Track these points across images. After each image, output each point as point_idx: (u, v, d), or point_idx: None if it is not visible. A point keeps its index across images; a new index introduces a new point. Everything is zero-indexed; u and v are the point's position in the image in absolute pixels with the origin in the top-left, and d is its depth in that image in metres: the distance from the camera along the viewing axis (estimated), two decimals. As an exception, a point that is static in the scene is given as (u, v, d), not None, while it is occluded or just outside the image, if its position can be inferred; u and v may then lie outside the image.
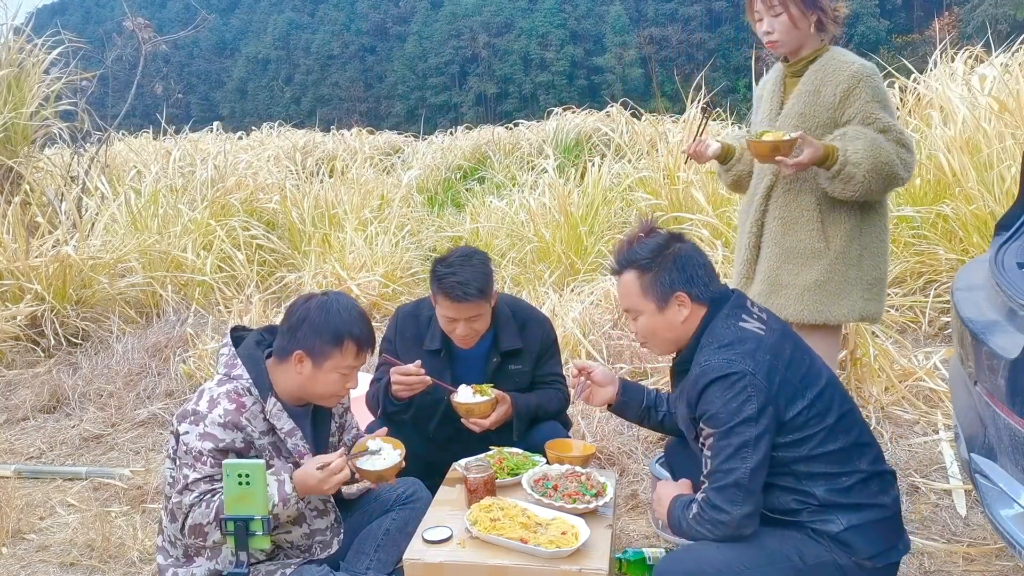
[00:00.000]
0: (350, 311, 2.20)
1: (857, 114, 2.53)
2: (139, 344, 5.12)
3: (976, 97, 5.92)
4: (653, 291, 2.04)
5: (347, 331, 2.16)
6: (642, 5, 79.37)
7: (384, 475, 2.21)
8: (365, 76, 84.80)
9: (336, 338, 2.15)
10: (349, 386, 2.22)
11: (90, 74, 7.17)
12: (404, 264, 6.60)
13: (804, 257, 2.60)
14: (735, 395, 1.87)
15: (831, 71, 2.58)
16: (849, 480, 1.93)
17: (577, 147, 11.04)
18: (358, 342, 2.17)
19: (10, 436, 4.22)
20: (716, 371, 1.90)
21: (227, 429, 2.09)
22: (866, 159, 2.43)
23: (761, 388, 1.88)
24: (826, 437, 1.92)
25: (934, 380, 3.92)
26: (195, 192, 7.52)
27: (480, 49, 78.42)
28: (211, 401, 2.13)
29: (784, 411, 1.91)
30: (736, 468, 1.86)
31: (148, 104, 15.60)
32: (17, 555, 3.00)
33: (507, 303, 2.86)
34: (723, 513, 1.87)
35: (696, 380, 1.95)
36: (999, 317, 2.11)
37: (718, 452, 1.89)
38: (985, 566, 2.62)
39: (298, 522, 2.24)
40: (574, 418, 3.53)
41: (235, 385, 2.16)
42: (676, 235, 2.12)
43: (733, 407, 1.87)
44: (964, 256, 5.02)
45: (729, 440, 1.87)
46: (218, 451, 2.08)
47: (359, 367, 2.22)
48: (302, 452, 2.19)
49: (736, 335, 1.96)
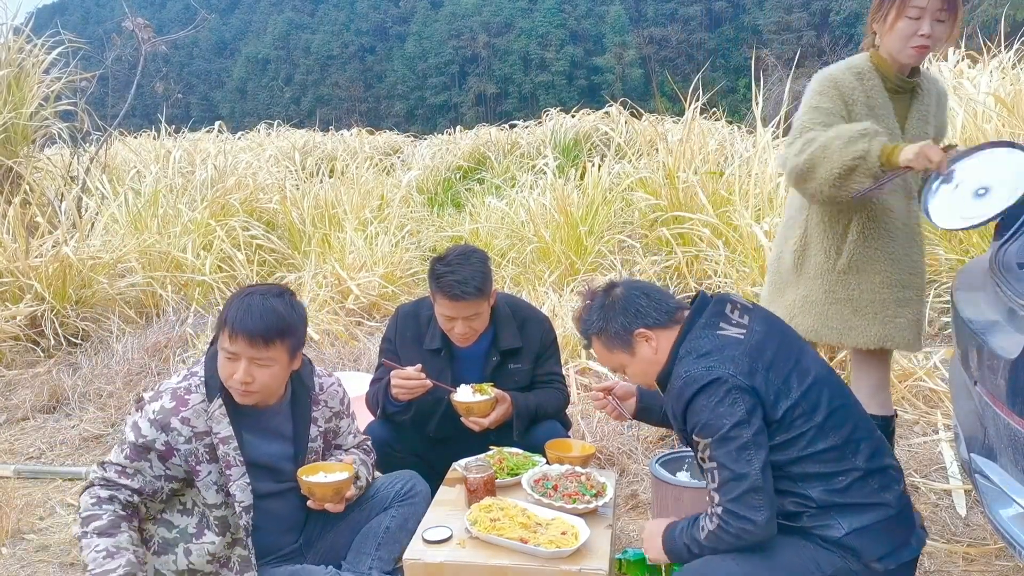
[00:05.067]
0: (246, 296, 2.14)
1: (942, 124, 2.66)
2: (139, 344, 5.11)
3: (975, 97, 5.91)
4: (616, 343, 2.06)
5: (228, 310, 2.11)
6: (642, 5, 79.43)
7: (314, 490, 2.19)
8: (365, 76, 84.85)
9: (222, 316, 2.13)
10: (236, 376, 2.09)
11: (90, 74, 7.17)
12: (404, 264, 6.60)
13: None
14: (720, 400, 1.86)
15: (937, 89, 2.65)
16: (846, 479, 1.88)
17: (576, 147, 11.05)
18: (230, 325, 2.08)
19: (10, 436, 4.22)
20: (698, 381, 1.89)
21: (153, 427, 2.08)
22: None
23: (746, 389, 1.86)
24: (816, 435, 1.88)
25: (934, 380, 3.91)
26: (195, 192, 7.52)
27: (480, 49, 78.46)
28: (157, 394, 2.14)
29: (771, 411, 1.89)
30: (747, 473, 1.83)
31: (148, 104, 15.61)
32: (17, 555, 3.00)
33: (506, 302, 2.86)
34: (748, 522, 1.83)
35: (680, 392, 1.93)
36: (999, 317, 2.11)
37: (721, 461, 1.86)
38: (985, 566, 2.62)
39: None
40: (574, 418, 3.53)
41: (188, 383, 2.15)
42: (609, 284, 2.13)
43: (721, 412, 1.85)
44: (964, 256, 5.02)
45: (727, 447, 1.84)
46: (137, 447, 2.07)
47: (236, 355, 2.09)
48: (231, 463, 2.14)
49: (714, 343, 1.94)
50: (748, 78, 7.83)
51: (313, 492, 2.21)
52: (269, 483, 2.25)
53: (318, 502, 2.23)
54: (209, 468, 2.13)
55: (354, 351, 4.90)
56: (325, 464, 2.30)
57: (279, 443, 2.28)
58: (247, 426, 2.20)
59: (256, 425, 2.23)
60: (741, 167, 6.22)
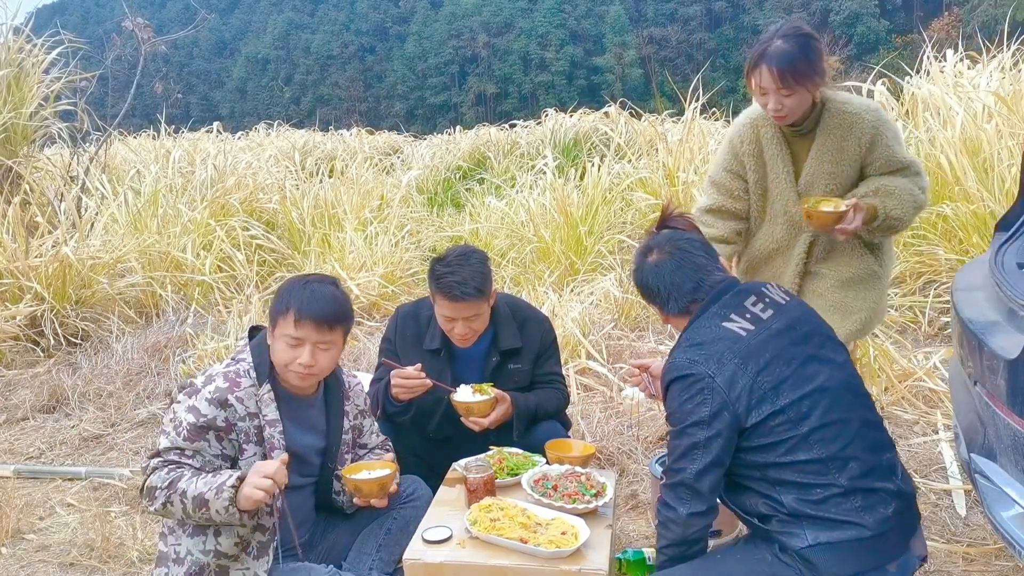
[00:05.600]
0: (307, 286, 2.23)
1: (880, 158, 2.59)
2: (139, 344, 5.12)
3: (974, 98, 5.91)
4: (664, 315, 2.11)
5: (291, 298, 2.20)
6: (642, 5, 79.44)
7: (361, 487, 2.23)
8: (365, 76, 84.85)
9: (282, 303, 2.21)
10: (300, 360, 2.17)
11: (90, 74, 7.18)
12: (404, 264, 6.60)
13: (868, 281, 2.71)
14: (691, 396, 1.88)
15: (847, 124, 2.57)
16: (823, 493, 1.83)
17: (576, 147, 11.05)
18: (297, 311, 2.17)
19: (10, 436, 4.21)
20: (677, 370, 1.92)
21: (212, 405, 2.13)
22: (905, 212, 2.56)
23: (718, 391, 1.86)
24: (797, 446, 1.84)
25: (934, 380, 3.91)
26: (195, 192, 7.52)
27: (480, 49, 78.47)
28: (208, 378, 2.19)
29: (745, 416, 1.87)
30: (684, 468, 1.87)
31: (148, 104, 15.62)
32: (17, 555, 3.00)
33: (506, 302, 2.86)
34: (671, 511, 1.89)
35: (663, 376, 1.98)
36: (999, 317, 2.11)
37: (672, 451, 1.92)
38: (985, 566, 2.62)
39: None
40: (574, 418, 3.53)
41: (237, 367, 2.21)
42: (634, 269, 2.13)
43: (688, 408, 1.88)
44: (964, 256, 5.03)
45: (680, 441, 1.89)
46: (197, 427, 2.11)
47: (301, 340, 2.18)
48: (274, 446, 2.21)
49: (711, 335, 1.94)
50: (748, 78, 7.81)
51: (360, 489, 2.26)
52: (295, 475, 2.27)
53: (364, 498, 2.27)
54: (255, 449, 2.19)
55: (354, 351, 4.91)
56: (367, 463, 2.35)
57: (312, 435, 2.34)
58: (286, 415, 2.26)
59: (294, 415, 2.28)
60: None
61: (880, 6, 62.50)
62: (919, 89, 6.50)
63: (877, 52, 50.49)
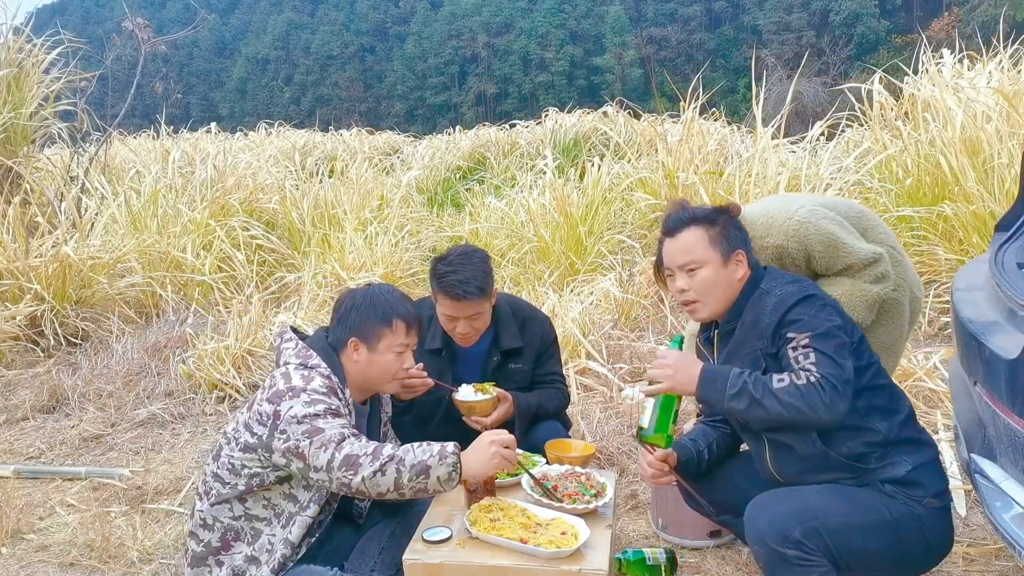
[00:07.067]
0: (392, 293, 2.29)
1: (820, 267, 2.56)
2: (139, 344, 5.12)
3: (974, 98, 5.91)
4: (720, 244, 2.12)
5: (393, 310, 2.23)
6: (642, 5, 79.40)
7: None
8: (365, 76, 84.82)
9: (384, 318, 2.21)
10: (407, 366, 2.27)
11: (90, 74, 7.18)
12: (404, 264, 6.60)
13: None
14: (820, 309, 1.99)
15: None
16: (901, 415, 2.03)
17: (576, 147, 11.06)
18: (405, 320, 2.23)
19: (9, 436, 4.21)
20: (796, 296, 2.01)
21: (330, 395, 2.11)
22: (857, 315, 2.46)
23: (838, 310, 2.04)
24: (878, 371, 2.05)
25: (934, 380, 3.91)
26: (195, 192, 7.52)
27: (479, 49, 78.43)
28: (304, 378, 2.13)
29: (851, 335, 2.02)
30: (844, 365, 1.94)
31: (148, 104, 15.62)
32: (16, 555, 3.00)
33: (507, 302, 2.86)
34: (836, 399, 1.89)
35: (776, 306, 2.02)
36: (999, 317, 2.11)
37: (822, 350, 1.93)
38: (985, 566, 2.62)
39: None
40: (574, 418, 3.53)
41: (318, 372, 2.17)
42: None
43: (823, 316, 1.98)
44: (964, 256, 5.03)
45: (828, 342, 1.94)
46: (331, 411, 2.08)
47: (411, 346, 2.26)
48: None
49: (796, 277, 2.12)
50: (748, 78, 7.83)
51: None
52: None
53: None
54: None
55: (354, 351, 4.90)
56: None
57: None
58: None
59: (356, 423, 2.29)
60: (741, 167, 6.22)
61: (880, 6, 62.40)
62: (918, 90, 6.50)
63: (877, 52, 50.53)
